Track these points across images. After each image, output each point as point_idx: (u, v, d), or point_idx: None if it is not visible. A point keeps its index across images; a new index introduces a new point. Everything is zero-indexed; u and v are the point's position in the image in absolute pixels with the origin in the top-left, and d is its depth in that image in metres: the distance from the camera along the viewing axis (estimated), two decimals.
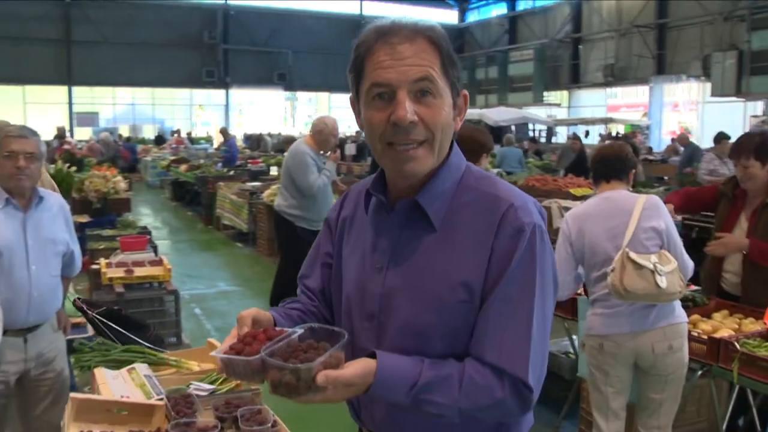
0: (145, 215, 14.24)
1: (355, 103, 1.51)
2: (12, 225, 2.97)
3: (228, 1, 33.75)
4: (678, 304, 3.32)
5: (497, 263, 1.38)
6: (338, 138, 6.56)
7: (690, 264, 3.35)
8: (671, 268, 3.15)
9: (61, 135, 21.28)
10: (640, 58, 27.22)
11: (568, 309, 4.15)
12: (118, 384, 2.71)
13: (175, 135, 25.99)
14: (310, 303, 1.66)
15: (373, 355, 1.33)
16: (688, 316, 3.48)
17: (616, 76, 28.55)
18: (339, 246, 1.64)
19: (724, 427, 3.76)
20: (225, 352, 1.32)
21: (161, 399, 2.52)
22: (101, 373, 2.76)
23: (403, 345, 1.40)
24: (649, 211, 3.26)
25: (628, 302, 3.20)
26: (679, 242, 3.33)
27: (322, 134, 6.20)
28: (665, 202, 3.60)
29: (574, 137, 15.15)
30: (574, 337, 4.92)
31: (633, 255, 3.13)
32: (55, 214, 3.17)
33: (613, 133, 23.93)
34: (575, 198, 9.13)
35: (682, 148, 14.25)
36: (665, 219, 3.31)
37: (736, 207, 3.99)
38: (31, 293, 2.97)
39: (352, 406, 1.62)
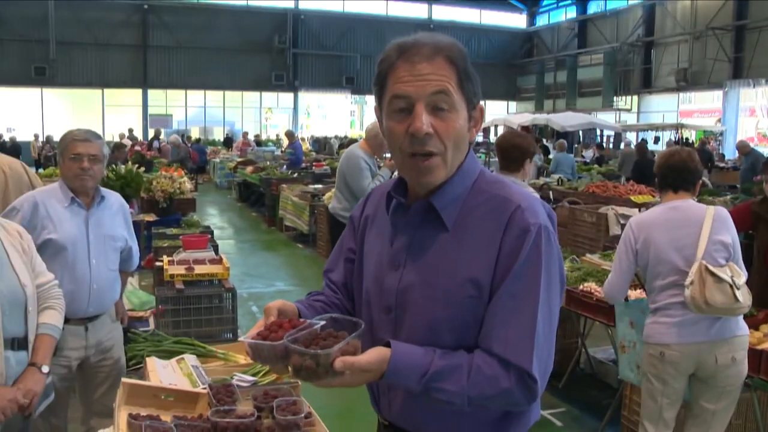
0: (211, 215, 14.68)
1: (379, 114, 1.62)
2: (76, 222, 3.19)
3: (298, 6, 34.36)
4: (741, 316, 3.29)
5: (504, 261, 1.47)
6: None
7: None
8: (742, 282, 3.16)
9: (132, 137, 22.14)
10: (715, 62, 26.46)
11: (611, 316, 4.14)
12: (167, 372, 2.89)
13: (242, 138, 26.52)
14: (334, 295, 1.78)
15: (388, 345, 1.43)
16: None
17: (689, 80, 27.84)
18: (361, 242, 1.76)
19: None
20: (252, 338, 1.44)
21: (204, 388, 2.67)
22: (152, 362, 2.95)
23: (417, 337, 1.50)
24: (718, 224, 3.27)
25: (688, 312, 3.20)
26: (741, 259, 3.32)
27: (377, 139, 6.31)
28: None
29: (639, 144, 15.01)
30: None
31: (712, 268, 3.14)
32: (115, 212, 3.40)
33: (683, 140, 23.32)
34: (635, 205, 9.02)
35: (741, 156, 13.78)
36: (732, 232, 3.31)
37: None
38: (92, 285, 3.19)
39: (373, 394, 1.73)
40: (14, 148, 23.63)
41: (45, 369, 2.58)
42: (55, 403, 2.68)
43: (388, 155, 6.60)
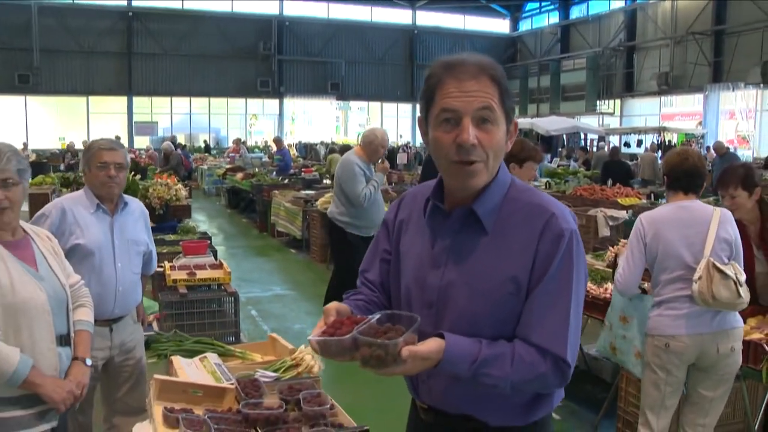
0: (201, 222, 14.75)
1: (422, 123, 1.79)
2: (102, 227, 3.34)
3: (283, 13, 34.51)
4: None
5: (541, 263, 1.66)
6: (387, 149, 6.81)
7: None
8: (743, 279, 3.37)
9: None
10: (695, 66, 26.91)
11: (605, 312, 4.32)
12: (192, 370, 3.03)
13: (233, 144, 26.43)
14: (372, 294, 1.95)
15: (440, 336, 1.61)
16: None
17: (670, 84, 28.27)
18: (396, 244, 1.93)
19: (756, 427, 3.91)
20: (319, 335, 1.61)
21: (231, 383, 2.82)
22: (177, 360, 3.09)
23: (457, 330, 1.67)
24: (723, 224, 3.47)
25: (693, 305, 3.40)
26: (742, 258, 3.53)
27: (372, 145, 6.51)
28: None
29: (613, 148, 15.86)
30: None
31: (719, 265, 3.34)
32: (137, 218, 3.55)
33: (666, 143, 23.68)
34: (622, 207, 9.25)
35: (715, 155, 14.03)
36: (735, 232, 3.51)
37: (746, 242, 4.08)
38: (117, 288, 3.33)
39: (411, 382, 1.90)
40: None
41: (88, 362, 2.74)
42: (82, 401, 2.82)
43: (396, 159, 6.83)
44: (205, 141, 32.26)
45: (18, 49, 29.94)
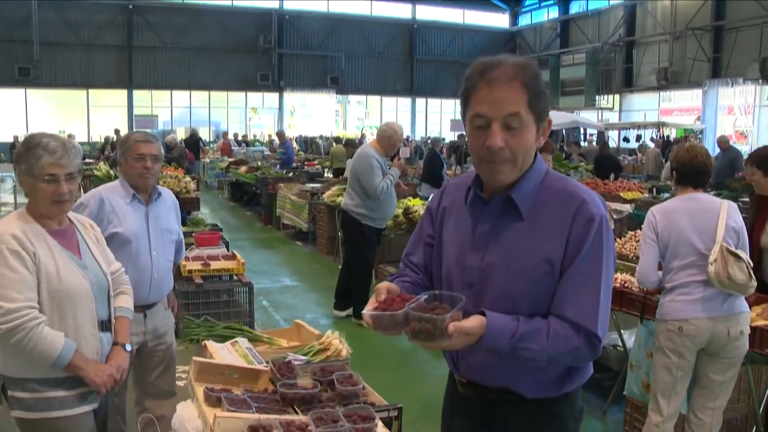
0: (205, 215, 14.86)
1: (463, 122, 1.94)
2: (138, 217, 3.48)
3: (283, 7, 34.53)
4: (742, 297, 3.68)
5: (573, 245, 1.82)
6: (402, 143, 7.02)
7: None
8: (751, 264, 3.56)
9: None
10: (694, 61, 27.04)
11: (616, 300, 4.46)
12: (225, 354, 3.17)
13: (222, 139, 25.51)
14: (416, 276, 2.11)
15: (482, 314, 1.76)
16: None
17: (669, 79, 28.39)
18: (440, 230, 2.09)
19: (761, 411, 4.07)
20: (372, 311, 1.78)
21: (265, 366, 2.96)
22: (211, 345, 3.22)
23: (497, 308, 1.82)
24: (731, 214, 3.67)
25: (705, 290, 3.58)
26: (747, 246, 3.70)
27: (391, 140, 6.68)
28: None
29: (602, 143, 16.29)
30: (623, 331, 5.26)
31: (732, 248, 3.54)
32: (169, 207, 3.68)
33: (665, 138, 23.81)
34: (625, 201, 9.38)
35: (719, 150, 14.15)
36: (740, 221, 3.70)
37: (761, 215, 4.34)
38: (153, 275, 3.47)
39: (451, 358, 2.07)
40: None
41: (128, 347, 2.89)
42: (115, 387, 2.94)
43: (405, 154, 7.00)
44: (191, 134, 32.15)
45: (18, 41, 29.96)
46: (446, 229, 2.06)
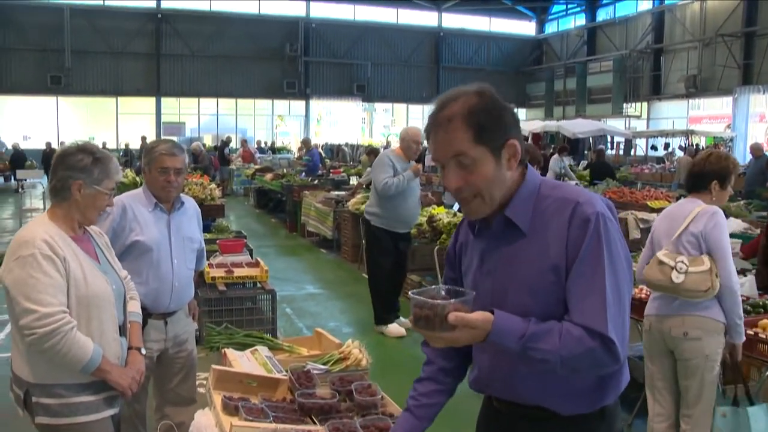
0: (230, 221, 14.96)
1: None
2: (159, 225, 3.50)
3: (309, 15, 34.74)
4: (715, 304, 3.71)
5: (572, 249, 1.77)
6: (421, 146, 6.96)
7: (728, 273, 3.65)
8: (700, 270, 3.62)
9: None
10: (724, 68, 26.68)
11: (640, 311, 4.38)
12: (244, 362, 3.17)
13: (242, 147, 25.05)
14: None
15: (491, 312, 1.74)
16: (760, 320, 4.08)
17: (698, 87, 28.04)
18: (459, 265, 2.10)
19: None
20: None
21: (284, 375, 2.95)
22: (231, 353, 3.23)
23: None
24: (698, 218, 3.74)
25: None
26: (722, 251, 3.69)
27: (404, 142, 6.79)
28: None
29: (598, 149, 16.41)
30: None
31: (661, 253, 3.76)
32: (190, 216, 3.70)
33: (695, 146, 23.51)
34: (652, 210, 9.26)
35: (751, 158, 13.94)
36: (707, 226, 3.71)
37: None
38: (174, 283, 3.49)
39: (478, 381, 2.04)
40: (18, 156, 23.96)
41: (143, 351, 2.94)
42: (137, 390, 2.96)
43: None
44: (223, 140, 32.35)
45: (50, 50, 30.49)
46: (464, 262, 2.07)
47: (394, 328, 6.86)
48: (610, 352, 1.72)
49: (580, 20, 36.44)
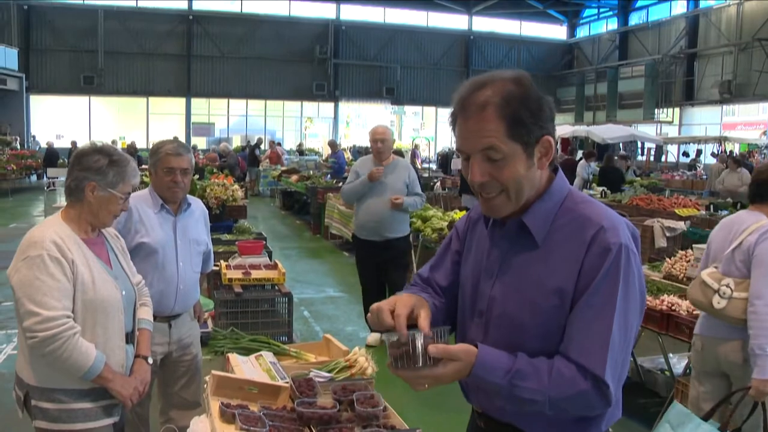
0: (254, 223, 14.99)
1: None
2: (165, 227, 3.44)
3: (340, 17, 34.81)
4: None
5: (585, 276, 1.61)
6: (380, 144, 6.29)
7: (758, 293, 3.28)
8: (745, 296, 3.32)
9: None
10: (761, 74, 26.16)
11: (662, 324, 4.25)
12: (247, 368, 3.10)
13: (270, 148, 24.94)
14: (438, 299, 1.93)
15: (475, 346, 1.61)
16: None
17: (733, 92, 27.56)
18: (464, 242, 1.94)
19: None
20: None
21: (286, 382, 2.87)
22: (234, 358, 3.16)
23: (504, 339, 1.67)
24: (753, 236, 3.40)
25: None
26: (765, 267, 3.33)
27: (371, 142, 6.41)
28: None
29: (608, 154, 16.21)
30: (670, 354, 5.02)
31: (706, 273, 3.53)
32: (197, 218, 3.64)
33: (729, 153, 23.07)
34: (680, 218, 9.06)
35: None
36: (759, 240, 3.37)
37: None
38: (179, 286, 3.43)
39: (463, 388, 1.91)
40: (51, 155, 24.26)
41: (150, 360, 2.86)
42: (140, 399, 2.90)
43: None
44: (248, 142, 32.51)
45: (84, 51, 30.99)
46: (468, 245, 1.92)
47: (372, 337, 6.65)
48: (602, 395, 1.59)
49: (612, 24, 36.07)
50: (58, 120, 31.81)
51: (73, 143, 26.49)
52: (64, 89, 31.37)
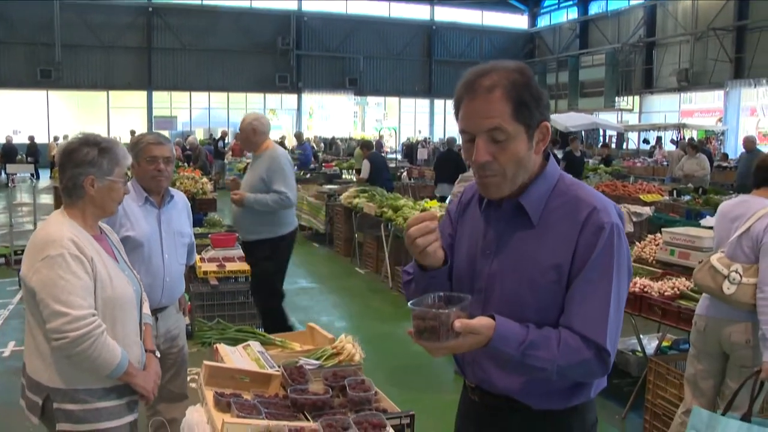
0: (225, 215, 14.88)
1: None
2: (150, 220, 3.45)
3: (302, 8, 34.62)
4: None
5: (582, 253, 1.74)
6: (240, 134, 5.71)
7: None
8: (754, 281, 3.43)
9: None
10: (716, 62, 26.72)
11: (635, 305, 4.38)
12: (236, 357, 3.13)
13: (234, 139, 23.67)
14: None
15: (491, 317, 1.70)
16: None
17: (690, 80, 28.09)
18: (456, 226, 2.03)
19: None
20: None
21: (277, 370, 2.92)
22: (222, 348, 3.19)
23: (503, 314, 1.74)
24: (761, 222, 3.52)
25: None
26: None
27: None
28: None
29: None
30: (642, 336, 5.17)
31: (715, 258, 3.58)
32: (180, 210, 3.65)
33: (689, 139, 23.56)
34: (645, 204, 9.27)
35: (744, 152, 13.92)
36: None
37: None
38: (165, 279, 3.44)
39: (458, 362, 2.01)
40: (9, 151, 23.76)
41: (158, 354, 2.89)
42: None
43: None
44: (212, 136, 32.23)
45: (40, 44, 30.30)
46: (461, 228, 2.01)
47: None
48: (603, 363, 1.72)
49: (573, 14, 36.44)
50: (15, 115, 31.10)
51: (31, 138, 25.97)
52: (20, 83, 30.59)
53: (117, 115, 33.00)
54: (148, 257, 3.39)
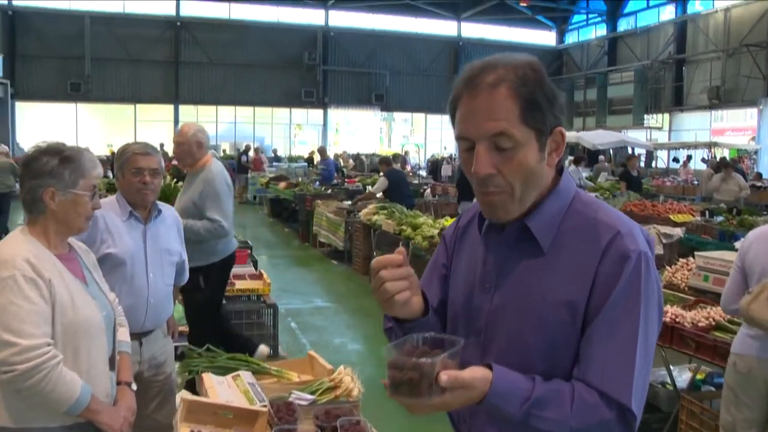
0: (243, 230, 14.74)
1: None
2: (134, 236, 3.20)
3: (328, 24, 34.65)
4: None
5: (601, 288, 1.40)
6: (176, 147, 5.11)
7: None
8: None
9: (163, 152, 22.22)
10: (749, 79, 26.13)
11: (666, 337, 4.05)
12: (223, 389, 2.87)
13: (253, 153, 24.18)
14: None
15: (487, 367, 1.36)
16: None
17: (721, 98, 27.50)
18: (452, 254, 1.71)
19: None
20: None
21: (264, 405, 2.65)
22: (209, 378, 2.93)
23: (506, 362, 1.41)
24: None
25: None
26: None
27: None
28: None
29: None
30: (672, 367, 4.82)
31: None
32: (169, 226, 3.40)
33: (721, 158, 23.03)
34: (675, 224, 8.88)
35: None
36: None
37: None
38: (149, 300, 3.19)
39: (452, 419, 1.66)
40: None
41: (134, 387, 2.61)
42: None
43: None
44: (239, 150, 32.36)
45: (71, 57, 30.62)
46: (457, 257, 1.68)
47: (263, 349, 5.52)
48: (627, 425, 1.38)
49: (601, 30, 36.04)
50: (45, 127, 31.36)
51: None
52: (51, 96, 30.95)
53: (144, 128, 33.15)
54: (131, 276, 3.13)
